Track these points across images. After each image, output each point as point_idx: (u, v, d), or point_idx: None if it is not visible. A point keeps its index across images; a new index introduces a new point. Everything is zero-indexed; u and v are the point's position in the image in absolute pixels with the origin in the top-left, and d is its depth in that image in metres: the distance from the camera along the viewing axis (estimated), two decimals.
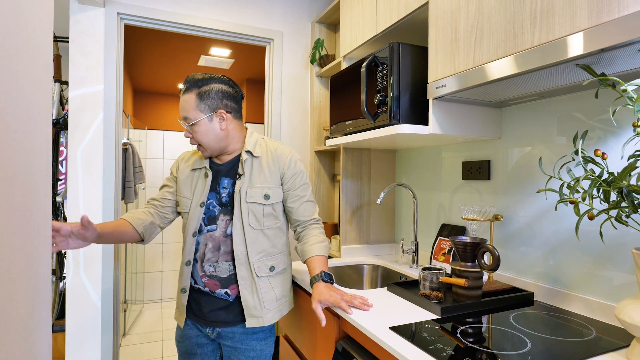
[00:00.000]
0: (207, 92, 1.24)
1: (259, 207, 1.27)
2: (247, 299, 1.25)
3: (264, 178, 1.29)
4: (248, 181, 1.28)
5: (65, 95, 2.38)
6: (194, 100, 1.24)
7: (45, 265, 0.54)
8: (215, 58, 3.40)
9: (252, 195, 1.27)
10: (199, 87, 1.24)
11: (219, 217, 1.29)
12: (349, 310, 1.14)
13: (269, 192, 1.29)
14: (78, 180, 1.93)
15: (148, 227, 1.33)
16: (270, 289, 1.29)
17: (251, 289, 1.26)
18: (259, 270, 1.27)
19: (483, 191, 1.52)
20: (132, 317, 3.74)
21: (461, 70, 1.16)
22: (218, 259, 1.27)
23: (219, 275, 1.27)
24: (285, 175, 1.31)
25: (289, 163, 1.32)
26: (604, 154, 0.95)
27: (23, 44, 0.44)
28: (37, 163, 0.51)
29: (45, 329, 0.54)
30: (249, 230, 1.26)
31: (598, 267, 1.12)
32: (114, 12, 1.97)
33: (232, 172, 1.31)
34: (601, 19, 0.79)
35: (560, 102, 1.23)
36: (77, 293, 1.93)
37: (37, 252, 0.50)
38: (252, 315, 1.25)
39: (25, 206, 0.45)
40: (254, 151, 1.30)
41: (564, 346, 0.91)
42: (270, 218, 1.30)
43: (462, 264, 1.22)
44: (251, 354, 1.29)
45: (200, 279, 1.29)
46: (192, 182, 1.35)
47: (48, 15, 0.55)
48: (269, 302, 1.28)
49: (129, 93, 3.90)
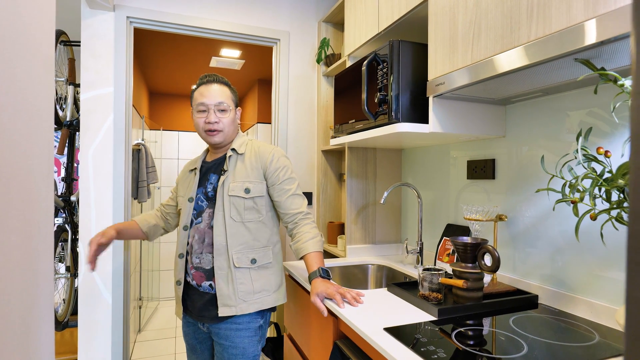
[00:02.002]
0: (233, 89, 1.43)
1: (240, 200, 1.33)
2: (221, 287, 1.30)
3: (245, 173, 1.36)
4: (231, 176, 1.35)
5: (79, 97, 2.45)
6: (228, 91, 1.39)
7: (46, 262, 0.56)
8: (226, 59, 3.44)
9: (233, 189, 1.33)
10: (227, 84, 1.40)
11: (205, 212, 1.36)
12: (341, 305, 1.18)
13: (250, 186, 1.34)
14: (89, 181, 1.99)
15: (152, 228, 1.51)
16: (249, 281, 1.32)
17: (227, 278, 1.30)
18: (238, 261, 1.30)
19: (488, 191, 1.49)
20: (147, 314, 3.82)
21: (459, 67, 1.14)
22: (202, 251, 1.34)
23: (204, 267, 1.33)
24: (268, 170, 1.37)
25: (271, 158, 1.37)
26: (607, 151, 0.92)
27: (22, 47, 0.45)
28: (38, 163, 0.52)
29: (46, 323, 0.55)
30: (230, 223, 1.31)
31: (604, 269, 1.08)
32: (123, 16, 2.02)
33: (219, 169, 1.39)
34: (597, 10, 0.76)
35: (566, 98, 1.19)
36: (88, 289, 1.99)
37: (37, 249, 0.52)
38: (224, 304, 1.29)
39: (24, 205, 0.47)
40: (238, 149, 1.39)
41: (563, 351, 0.88)
42: (252, 212, 1.34)
43: (462, 265, 1.20)
44: (234, 351, 1.31)
45: (190, 271, 1.36)
46: (187, 182, 1.46)
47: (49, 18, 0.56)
48: (245, 293, 1.30)
49: (144, 95, 3.99)
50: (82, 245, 1.98)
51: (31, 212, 0.48)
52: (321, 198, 2.38)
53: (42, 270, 0.54)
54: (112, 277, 2.01)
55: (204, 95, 1.34)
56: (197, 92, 1.37)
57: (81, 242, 1.98)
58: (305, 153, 2.45)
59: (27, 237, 0.47)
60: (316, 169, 2.46)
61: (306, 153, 2.45)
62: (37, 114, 0.51)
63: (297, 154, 2.42)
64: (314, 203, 2.46)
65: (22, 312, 0.45)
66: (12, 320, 0.42)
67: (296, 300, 1.64)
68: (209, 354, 1.42)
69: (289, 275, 1.75)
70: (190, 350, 1.45)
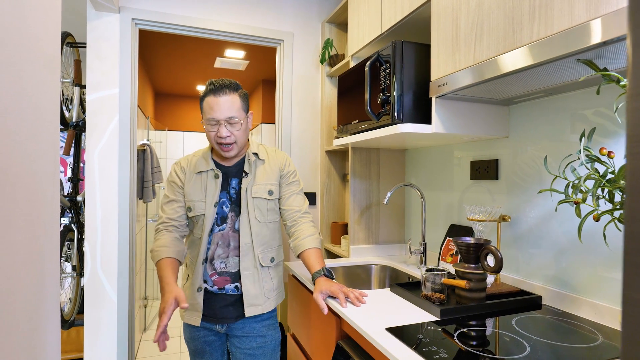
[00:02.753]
0: (244, 95, 1.35)
1: (263, 202, 1.37)
2: (248, 288, 1.33)
3: (267, 176, 1.39)
4: (253, 179, 1.37)
5: (85, 98, 2.48)
6: (239, 101, 1.31)
7: (52, 261, 0.56)
8: (231, 60, 3.46)
9: (257, 192, 1.36)
10: (237, 89, 1.32)
11: (228, 216, 1.36)
12: (344, 304, 1.19)
13: (272, 189, 1.39)
14: (95, 181, 2.01)
15: (183, 253, 1.38)
16: (270, 279, 1.39)
17: (253, 278, 1.34)
18: (263, 260, 1.36)
19: (491, 191, 1.49)
20: (152, 313, 3.85)
21: (462, 68, 1.14)
22: (229, 255, 1.34)
23: (230, 271, 1.34)
24: (283, 172, 1.43)
25: (285, 162, 1.45)
26: (610, 152, 0.91)
27: (28, 49, 0.46)
28: (43, 164, 0.53)
29: (53, 321, 0.56)
30: (255, 224, 1.34)
31: (608, 270, 1.07)
32: (128, 17, 2.04)
33: (240, 173, 1.39)
34: (599, 11, 0.76)
35: (570, 98, 1.18)
36: (94, 289, 2.01)
37: (44, 249, 0.52)
38: (251, 304, 1.33)
39: (29, 205, 0.48)
40: (260, 154, 1.41)
41: (566, 352, 0.88)
42: (272, 213, 1.40)
43: (465, 266, 1.20)
44: (262, 339, 1.37)
45: (209, 278, 1.35)
46: (202, 184, 1.36)
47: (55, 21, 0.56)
48: (269, 290, 1.38)
49: (149, 96, 4.02)
50: (87, 245, 2.00)
51: (37, 212, 0.49)
52: (325, 198, 2.39)
53: (48, 270, 0.54)
54: (117, 276, 2.03)
55: (213, 110, 1.27)
56: (206, 103, 1.29)
57: (87, 242, 2.00)
58: (309, 153, 2.45)
59: (33, 237, 0.48)
60: (320, 169, 2.46)
61: (310, 153, 2.45)
62: (43, 115, 0.52)
63: (300, 154, 2.43)
64: (317, 203, 2.47)
65: (29, 311, 0.46)
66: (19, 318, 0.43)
67: (299, 300, 1.64)
68: (216, 355, 1.42)
69: (292, 276, 1.76)
70: (197, 355, 1.42)
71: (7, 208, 0.40)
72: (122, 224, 2.04)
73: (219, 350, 1.43)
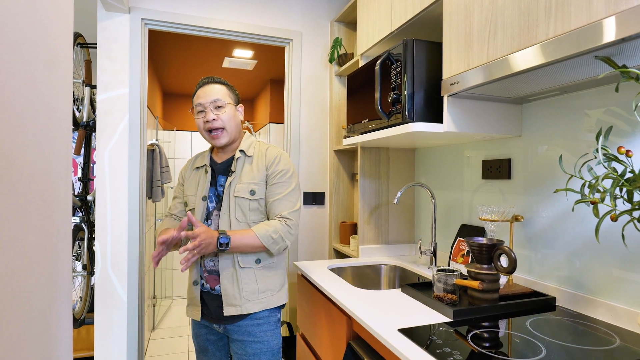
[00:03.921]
0: (232, 88, 1.42)
1: (245, 202, 1.33)
2: (226, 288, 1.30)
3: (252, 175, 1.35)
4: (238, 177, 1.35)
5: (95, 98, 2.50)
6: (224, 89, 1.38)
7: (64, 260, 0.57)
8: (239, 60, 3.46)
9: (239, 190, 1.33)
10: (223, 83, 1.40)
11: (212, 213, 1.36)
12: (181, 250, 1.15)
13: (255, 188, 1.34)
14: (105, 180, 2.02)
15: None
16: (254, 281, 1.32)
17: (232, 278, 1.30)
18: (243, 261, 1.31)
19: (503, 191, 1.47)
20: (161, 312, 3.87)
21: (475, 66, 1.12)
22: (217, 253, 1.32)
23: (217, 269, 1.33)
24: (268, 171, 1.36)
25: (273, 160, 1.37)
26: (629, 151, 0.89)
27: (42, 50, 0.46)
28: (56, 163, 0.53)
29: (65, 320, 0.56)
30: (235, 224, 1.32)
31: (625, 271, 1.05)
32: (138, 18, 2.05)
33: (227, 170, 1.39)
34: (619, 7, 0.74)
35: (585, 97, 1.16)
36: (104, 287, 2.02)
37: (56, 248, 0.52)
38: (229, 304, 1.30)
39: (44, 205, 0.48)
40: (247, 151, 1.39)
41: (582, 354, 0.86)
42: (256, 213, 1.34)
43: (477, 266, 1.18)
44: (258, 345, 1.32)
45: (203, 274, 1.35)
46: (196, 180, 1.43)
47: (67, 22, 0.57)
48: (249, 293, 1.31)
49: (158, 96, 4.04)
50: (98, 244, 2.02)
51: (51, 211, 0.49)
52: (334, 198, 2.38)
53: (60, 269, 0.54)
54: (127, 275, 2.05)
55: (199, 96, 1.36)
56: (195, 97, 1.38)
57: (97, 241, 2.02)
58: (318, 153, 2.44)
59: (46, 236, 0.48)
60: (328, 168, 2.46)
61: (319, 153, 2.45)
62: (56, 116, 0.52)
63: (309, 154, 2.42)
64: (326, 203, 2.46)
65: (42, 310, 0.46)
66: (33, 317, 0.43)
67: (309, 300, 1.64)
68: (220, 355, 1.42)
69: (302, 275, 1.75)
70: (201, 352, 1.43)
71: (21, 208, 0.40)
72: (132, 223, 2.05)
73: (223, 351, 1.42)
